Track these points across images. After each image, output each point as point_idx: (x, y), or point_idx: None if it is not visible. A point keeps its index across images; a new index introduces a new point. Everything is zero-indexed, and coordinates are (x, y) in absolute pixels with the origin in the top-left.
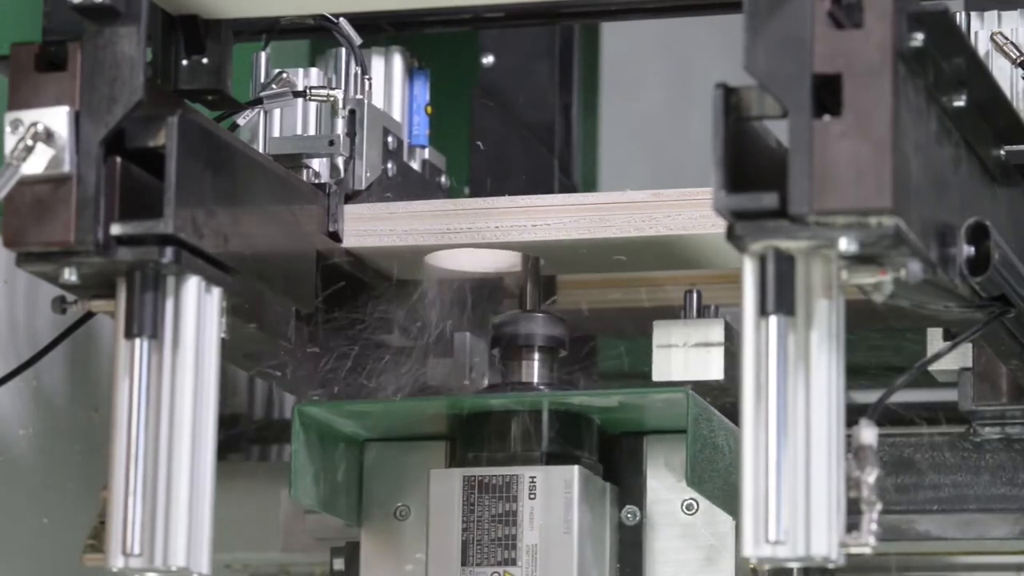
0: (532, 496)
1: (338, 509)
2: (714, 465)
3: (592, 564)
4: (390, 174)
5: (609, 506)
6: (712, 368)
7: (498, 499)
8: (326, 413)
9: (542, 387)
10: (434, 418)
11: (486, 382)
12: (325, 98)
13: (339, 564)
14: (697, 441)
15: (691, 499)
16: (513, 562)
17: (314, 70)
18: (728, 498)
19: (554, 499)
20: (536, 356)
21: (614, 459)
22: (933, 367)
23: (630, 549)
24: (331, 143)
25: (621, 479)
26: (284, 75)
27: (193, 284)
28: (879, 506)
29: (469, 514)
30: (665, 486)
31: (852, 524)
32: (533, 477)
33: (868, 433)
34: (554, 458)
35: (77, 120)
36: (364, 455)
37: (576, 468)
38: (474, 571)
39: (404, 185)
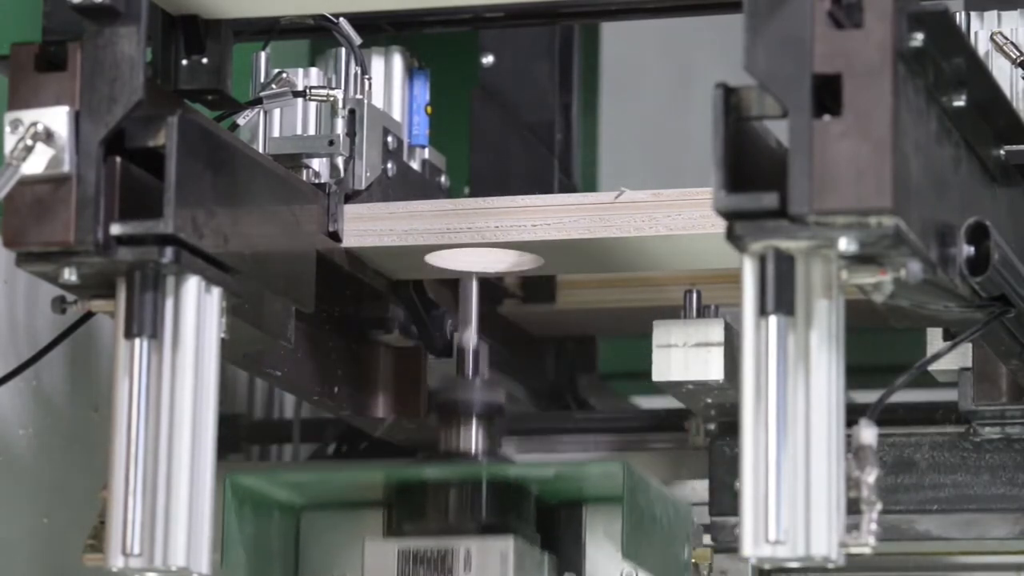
0: (468, 569)
1: None
2: (651, 537)
3: None
4: (390, 174)
5: (548, 575)
6: (712, 368)
7: (433, 571)
8: (260, 482)
9: (479, 456)
10: (370, 486)
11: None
12: (325, 98)
13: None
14: (634, 513)
15: (630, 569)
16: None
17: (314, 70)
18: (667, 569)
19: (490, 571)
20: (473, 423)
21: (553, 528)
22: (933, 367)
23: None
24: (331, 143)
25: (560, 548)
26: (284, 75)
27: (193, 284)
28: (879, 506)
29: None
30: (604, 555)
31: (852, 524)
32: (468, 550)
33: (868, 433)
34: (490, 529)
35: (77, 120)
36: (300, 523)
37: (511, 540)
38: None
39: (404, 185)
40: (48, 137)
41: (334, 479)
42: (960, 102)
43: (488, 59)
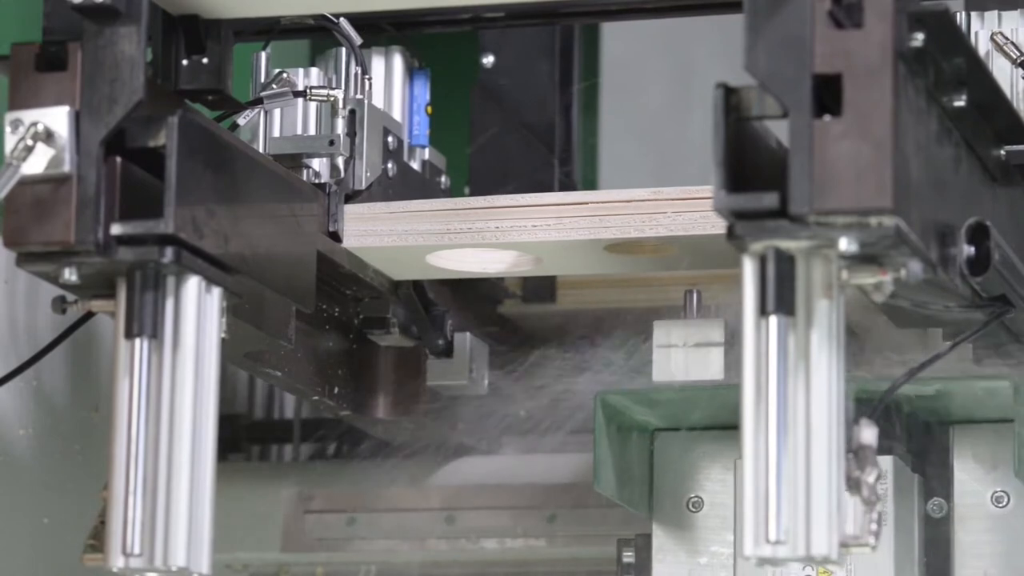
0: None
1: (632, 500)
2: None
3: (904, 557)
4: (390, 174)
5: (917, 498)
6: (712, 368)
7: None
8: (625, 401)
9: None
10: (728, 407)
11: (486, 382)
12: (325, 98)
13: (628, 556)
14: None
15: (1001, 491)
16: None
17: (314, 70)
18: None
19: None
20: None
21: (919, 449)
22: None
23: (936, 543)
24: (331, 143)
25: (927, 470)
26: (284, 75)
27: (193, 284)
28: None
29: None
30: (973, 478)
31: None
32: None
33: (868, 433)
34: None
35: (77, 120)
36: (654, 445)
37: (891, 458)
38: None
39: (404, 185)
40: (48, 137)
41: (691, 399)
42: (960, 102)
43: (488, 59)
